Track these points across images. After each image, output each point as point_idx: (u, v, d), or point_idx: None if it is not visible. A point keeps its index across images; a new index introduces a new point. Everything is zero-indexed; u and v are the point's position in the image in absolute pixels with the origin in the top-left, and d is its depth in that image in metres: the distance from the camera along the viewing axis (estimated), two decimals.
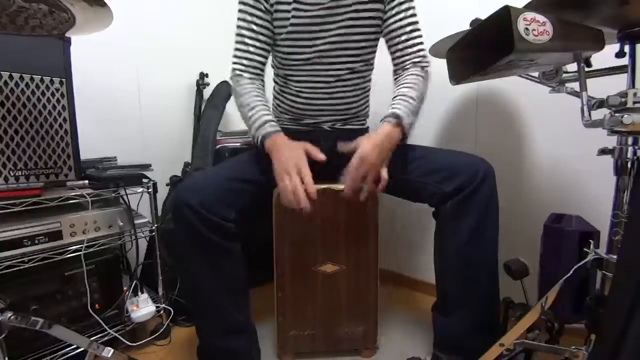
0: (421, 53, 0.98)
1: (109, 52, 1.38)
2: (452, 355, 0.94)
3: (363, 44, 1.00)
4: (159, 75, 1.53)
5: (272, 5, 0.95)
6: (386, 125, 0.88)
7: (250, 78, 0.99)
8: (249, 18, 0.95)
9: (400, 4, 0.95)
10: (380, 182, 0.85)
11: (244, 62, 0.98)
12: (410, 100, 0.90)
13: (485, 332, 0.90)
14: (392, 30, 0.97)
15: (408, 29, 0.96)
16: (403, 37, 0.96)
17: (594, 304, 0.71)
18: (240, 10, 0.96)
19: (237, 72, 0.99)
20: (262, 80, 1.03)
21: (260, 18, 0.95)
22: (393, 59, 1.01)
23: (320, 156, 0.88)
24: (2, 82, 0.90)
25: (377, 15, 0.97)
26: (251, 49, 0.97)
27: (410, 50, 0.97)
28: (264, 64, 1.01)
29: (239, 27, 0.97)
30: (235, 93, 0.99)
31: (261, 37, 0.97)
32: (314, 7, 0.94)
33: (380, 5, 0.96)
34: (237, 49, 0.98)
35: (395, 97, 0.93)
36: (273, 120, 0.93)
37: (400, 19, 0.96)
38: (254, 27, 0.96)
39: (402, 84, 0.95)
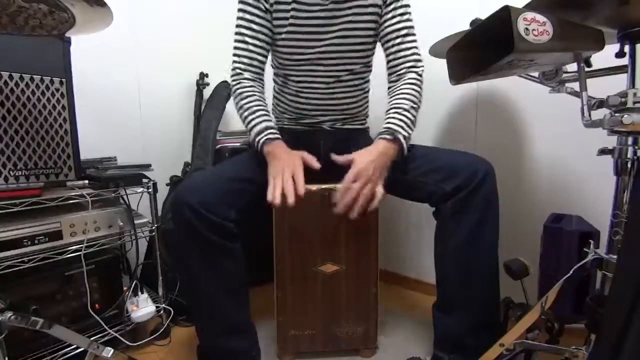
0: (415, 57, 0.98)
1: (109, 52, 1.38)
2: (453, 354, 0.94)
3: (362, 46, 1.00)
4: (159, 75, 1.53)
5: (271, 5, 0.95)
6: (381, 141, 0.88)
7: (251, 79, 0.99)
8: (248, 17, 0.95)
9: (396, 8, 0.96)
10: (375, 199, 0.84)
11: (245, 60, 0.98)
12: (405, 112, 0.91)
13: (485, 331, 0.90)
14: (388, 34, 0.97)
15: (403, 32, 0.97)
16: (398, 40, 0.97)
17: (594, 304, 0.71)
18: (240, 10, 0.96)
19: (238, 70, 0.98)
20: (262, 80, 1.03)
21: (260, 17, 0.96)
22: (388, 62, 1.01)
23: (316, 165, 0.88)
24: (2, 82, 0.90)
25: (375, 19, 0.97)
26: (251, 47, 0.97)
27: (404, 53, 0.97)
28: (264, 62, 1.01)
29: (238, 26, 0.97)
30: (235, 94, 0.99)
31: (261, 36, 0.97)
32: (314, 8, 0.95)
33: (377, 9, 0.97)
34: (237, 48, 0.98)
35: (390, 108, 0.94)
36: (274, 128, 0.93)
37: (396, 22, 0.96)
38: (254, 26, 0.96)
39: (397, 93, 0.95)
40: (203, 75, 1.61)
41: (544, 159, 1.18)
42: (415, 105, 0.94)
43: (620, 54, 0.70)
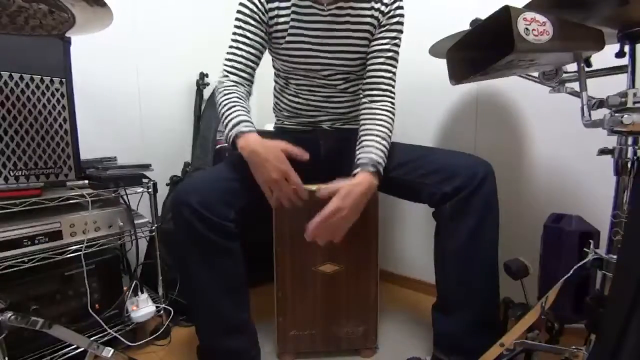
0: (391, 82, 0.99)
1: (109, 52, 1.38)
2: (452, 355, 0.94)
3: (357, 61, 1.01)
4: (159, 75, 1.53)
5: (271, 18, 0.96)
6: (365, 174, 0.86)
7: (236, 82, 0.97)
8: (244, 26, 0.96)
9: (389, 30, 0.97)
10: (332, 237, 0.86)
11: (236, 65, 0.97)
12: (383, 141, 0.92)
13: (485, 332, 0.90)
14: (373, 51, 0.98)
15: (388, 54, 0.97)
16: (380, 60, 0.98)
17: (594, 304, 0.71)
18: (237, 19, 0.97)
19: (226, 73, 0.97)
20: (250, 88, 1.01)
21: (256, 27, 0.96)
22: (365, 78, 1.00)
23: (303, 156, 0.86)
24: (2, 82, 0.90)
25: (371, 29, 0.98)
26: (245, 54, 0.97)
27: (382, 74, 0.98)
28: (254, 70, 1.00)
29: (234, 33, 0.98)
30: (218, 93, 0.97)
31: (255, 45, 0.98)
32: (312, 19, 0.96)
33: (372, 28, 0.97)
34: (230, 53, 0.98)
35: (368, 133, 0.93)
36: (249, 121, 0.90)
37: (385, 44, 0.97)
38: (249, 34, 0.96)
39: (376, 120, 0.95)
40: (203, 75, 1.61)
41: (544, 159, 1.18)
42: (390, 134, 0.95)
43: (620, 54, 0.70)
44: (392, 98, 0.98)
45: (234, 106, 0.92)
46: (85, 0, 0.65)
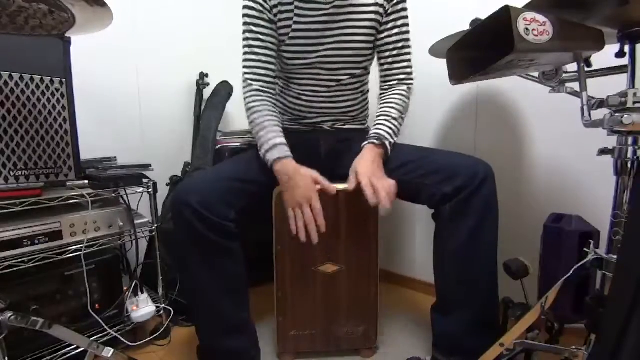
0: (408, 70, 1.02)
1: (109, 52, 1.38)
2: (452, 356, 0.94)
3: (363, 51, 1.01)
4: (159, 75, 1.53)
5: (275, 15, 0.96)
6: (370, 146, 0.94)
7: (262, 90, 0.98)
8: (255, 29, 0.96)
9: (397, 19, 0.98)
10: (393, 189, 0.89)
11: (257, 71, 0.98)
12: (393, 121, 0.97)
13: (484, 332, 0.90)
14: (385, 44, 1.00)
15: (400, 44, 0.99)
16: (394, 52, 1.00)
17: (594, 304, 0.71)
18: (245, 23, 0.97)
19: (249, 82, 0.98)
20: (274, 88, 1.03)
21: (266, 28, 0.96)
22: (381, 71, 1.04)
23: (332, 190, 0.90)
24: (2, 82, 0.90)
25: (375, 25, 0.98)
26: (262, 57, 0.97)
27: (398, 65, 1.01)
28: (274, 71, 1.01)
29: (246, 38, 0.97)
30: (247, 107, 0.99)
31: (270, 46, 0.98)
32: (315, 13, 0.95)
33: (378, 16, 0.97)
34: (247, 60, 0.98)
35: (379, 115, 0.99)
36: (284, 144, 0.93)
37: (395, 34, 0.99)
38: (261, 37, 0.96)
39: (387, 102, 1.00)
40: (203, 75, 1.61)
41: (544, 159, 1.18)
42: (402, 115, 1.00)
43: (620, 54, 0.70)
44: (410, 84, 1.03)
45: (267, 126, 0.94)
46: (85, 0, 0.65)
